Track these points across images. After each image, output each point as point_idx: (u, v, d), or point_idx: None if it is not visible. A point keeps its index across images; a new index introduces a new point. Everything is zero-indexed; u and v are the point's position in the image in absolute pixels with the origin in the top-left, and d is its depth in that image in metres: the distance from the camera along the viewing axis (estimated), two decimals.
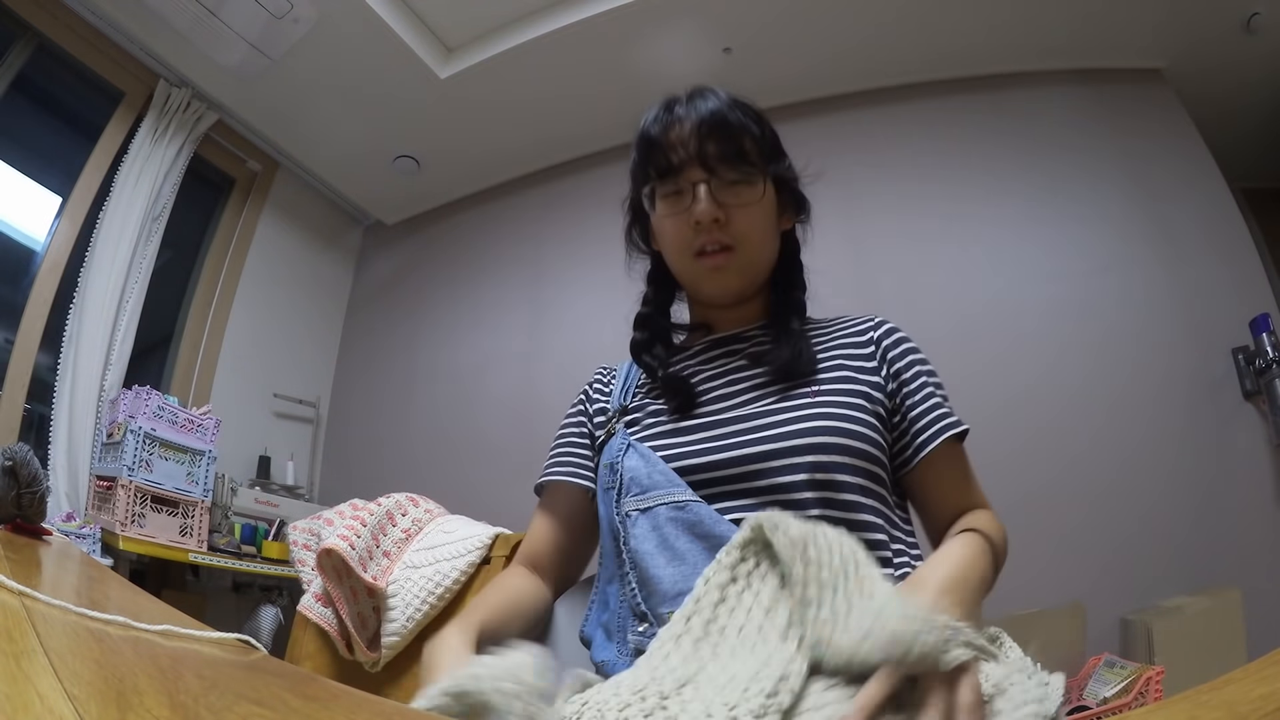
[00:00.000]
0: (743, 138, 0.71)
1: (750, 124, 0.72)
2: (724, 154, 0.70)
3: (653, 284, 0.85)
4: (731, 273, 0.73)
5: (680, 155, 0.71)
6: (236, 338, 2.91)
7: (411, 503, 1.22)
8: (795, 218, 0.81)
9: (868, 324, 0.76)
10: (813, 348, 0.73)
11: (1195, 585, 1.76)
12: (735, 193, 0.71)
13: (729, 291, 0.76)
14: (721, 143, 0.70)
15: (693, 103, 0.73)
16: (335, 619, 1.10)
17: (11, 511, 0.93)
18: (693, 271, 0.75)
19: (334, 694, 0.38)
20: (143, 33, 2.50)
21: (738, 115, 0.72)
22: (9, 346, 2.23)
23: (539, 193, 3.14)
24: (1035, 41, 2.40)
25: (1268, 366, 1.90)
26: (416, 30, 2.54)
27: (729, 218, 0.71)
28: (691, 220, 0.71)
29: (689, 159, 0.71)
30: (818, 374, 0.70)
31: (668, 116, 0.73)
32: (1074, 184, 2.30)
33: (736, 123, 0.71)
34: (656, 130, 0.73)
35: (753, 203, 0.71)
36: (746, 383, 0.72)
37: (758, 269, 0.76)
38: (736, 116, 0.71)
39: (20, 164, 2.38)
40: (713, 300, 0.79)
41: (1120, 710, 1.40)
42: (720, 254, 0.72)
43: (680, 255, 0.75)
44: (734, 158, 0.71)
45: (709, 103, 0.72)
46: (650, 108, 0.75)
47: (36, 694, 0.27)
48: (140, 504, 2.07)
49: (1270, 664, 0.29)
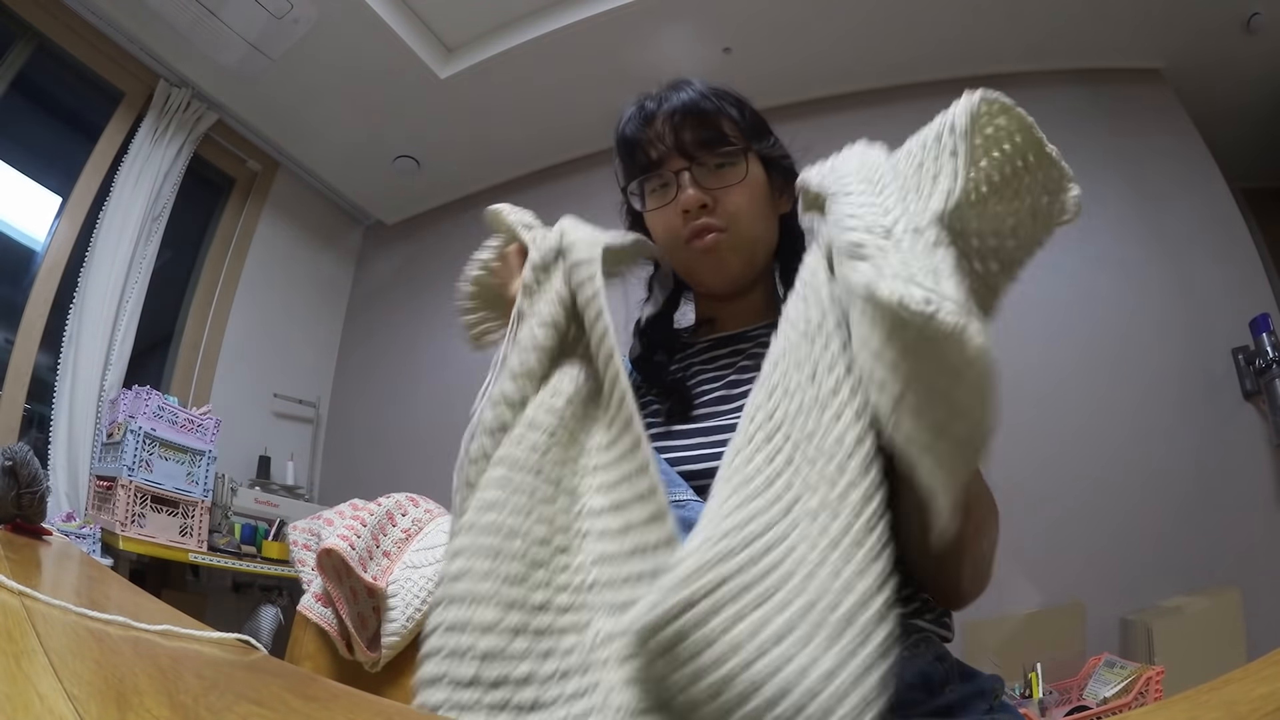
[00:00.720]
0: (719, 120, 0.71)
1: (727, 107, 0.72)
2: (702, 140, 0.70)
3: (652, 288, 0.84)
4: (726, 252, 0.72)
5: (659, 149, 0.71)
6: (236, 338, 2.91)
7: (411, 503, 1.22)
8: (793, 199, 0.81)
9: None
10: None
11: (1195, 585, 1.76)
12: (719, 176, 0.71)
13: (727, 274, 0.74)
14: (698, 128, 0.70)
15: (665, 96, 0.73)
16: (335, 619, 1.10)
17: (11, 511, 0.93)
18: (687, 259, 0.74)
19: (334, 694, 0.38)
20: (143, 33, 2.50)
21: (711, 101, 0.71)
22: (9, 346, 2.23)
23: (539, 193, 3.14)
24: (1035, 41, 2.40)
25: (1268, 366, 1.90)
26: (416, 30, 2.54)
27: (716, 201, 0.70)
28: (679, 209, 0.70)
29: (668, 150, 0.71)
30: None
31: (641, 114, 0.73)
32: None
33: (711, 108, 0.71)
34: (632, 129, 0.73)
35: (737, 182, 0.71)
36: (746, 387, 0.72)
37: (753, 249, 0.74)
38: (710, 102, 0.71)
39: (20, 164, 2.38)
40: (713, 289, 0.78)
41: (1120, 710, 1.40)
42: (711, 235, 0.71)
43: (674, 245, 0.74)
44: (713, 141, 0.70)
45: (681, 93, 0.72)
46: (624, 109, 0.75)
47: (36, 694, 0.27)
48: (140, 504, 2.07)
49: (1270, 664, 0.29)
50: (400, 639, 1.06)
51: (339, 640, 1.11)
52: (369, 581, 1.06)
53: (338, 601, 1.07)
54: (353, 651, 1.09)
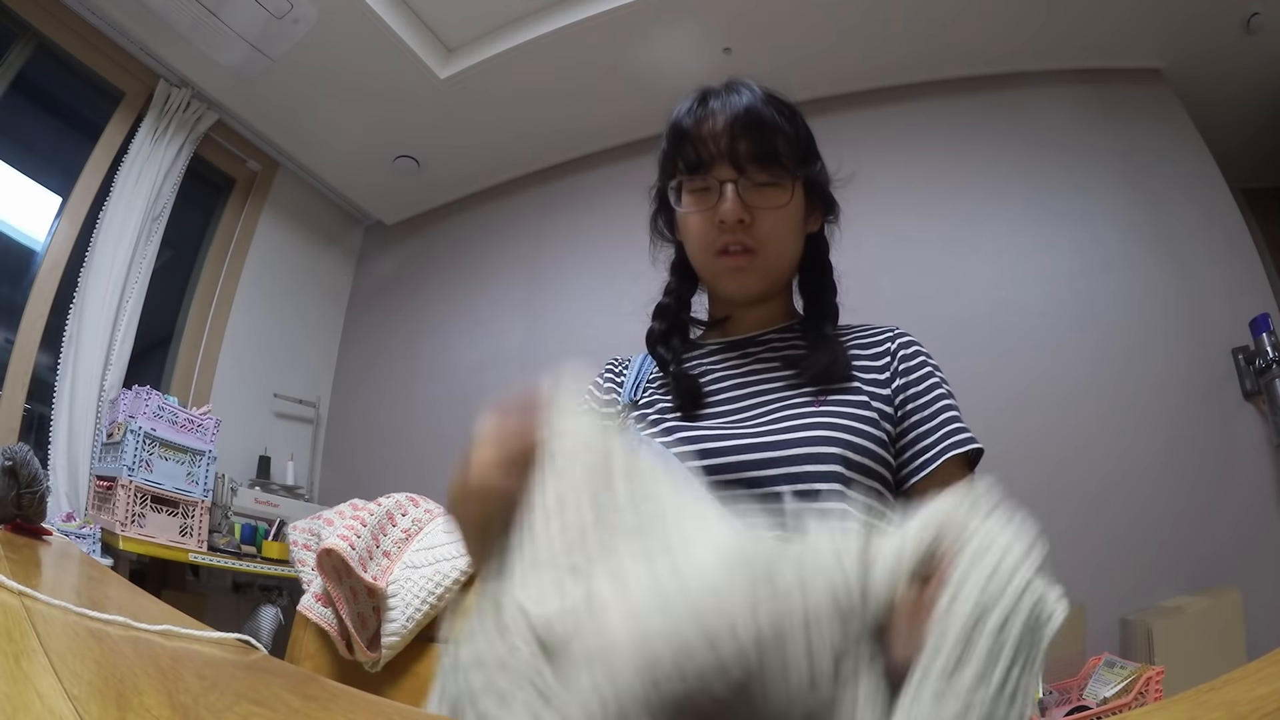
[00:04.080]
0: (776, 137, 0.70)
1: (784, 123, 0.70)
2: (755, 154, 0.69)
3: (675, 274, 0.83)
4: (751, 274, 0.72)
5: (711, 151, 0.70)
6: (236, 338, 2.91)
7: (411, 503, 1.22)
8: (824, 218, 0.79)
9: (885, 335, 0.75)
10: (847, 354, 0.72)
11: (1195, 585, 1.76)
12: (763, 195, 0.70)
13: (748, 293, 0.75)
14: (754, 142, 0.69)
15: (728, 96, 0.71)
16: (335, 619, 1.10)
17: (11, 511, 0.93)
18: (713, 270, 0.74)
19: (334, 694, 0.38)
20: (143, 33, 2.50)
21: (771, 112, 0.70)
22: (9, 346, 2.23)
23: (539, 193, 3.14)
24: (1035, 41, 2.40)
25: (1268, 366, 1.90)
26: (416, 30, 2.54)
27: (754, 219, 0.69)
28: (716, 219, 0.70)
29: (719, 156, 0.69)
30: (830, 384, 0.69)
31: (701, 109, 0.71)
32: (1074, 184, 2.29)
33: (770, 121, 0.69)
34: (689, 123, 0.71)
35: (779, 206, 0.70)
36: (754, 388, 0.72)
37: (779, 272, 0.75)
38: (770, 114, 0.69)
39: (20, 164, 2.38)
40: (733, 301, 0.79)
41: (1120, 710, 1.40)
42: (742, 255, 0.70)
43: (702, 252, 0.74)
44: (765, 158, 0.69)
45: (743, 98, 0.70)
46: (684, 98, 0.74)
47: (36, 694, 0.27)
48: (140, 504, 2.07)
49: (1270, 664, 0.29)
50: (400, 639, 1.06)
51: (339, 640, 1.11)
52: (369, 581, 1.06)
53: (338, 601, 1.07)
54: (353, 651, 1.09)
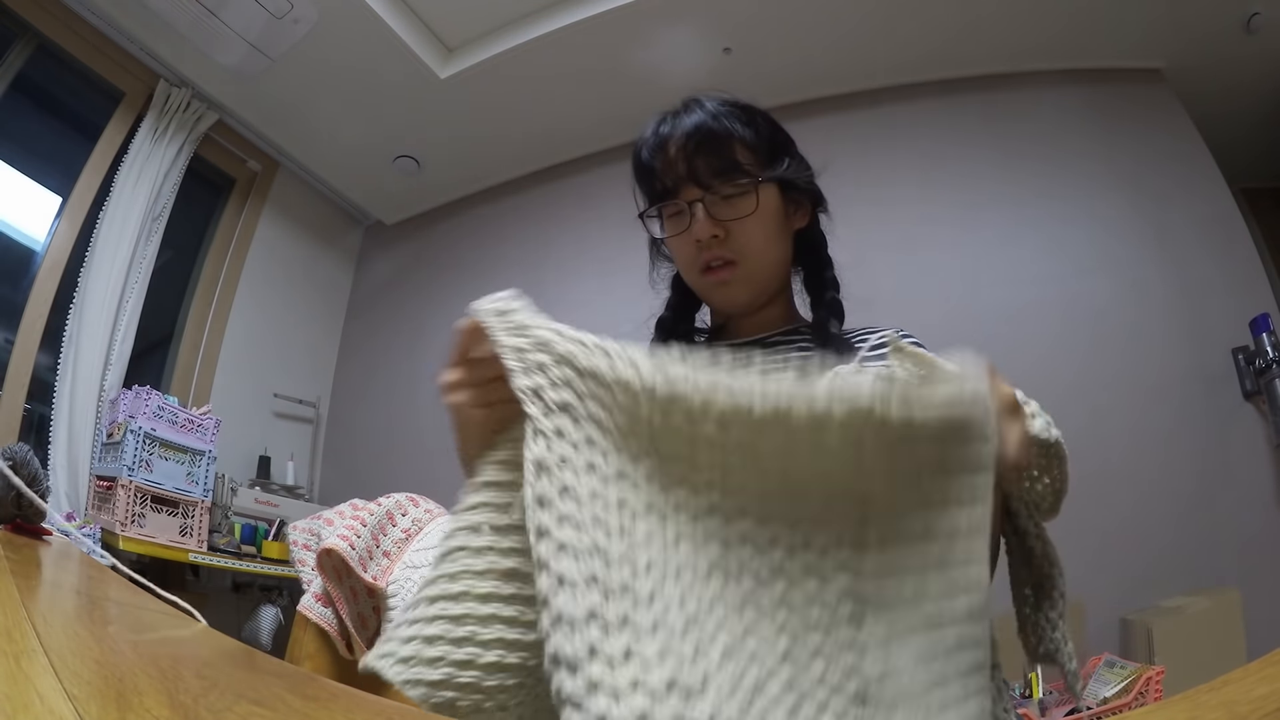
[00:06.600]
0: (732, 146, 0.70)
1: (739, 128, 0.71)
2: (715, 168, 0.69)
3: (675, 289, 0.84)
4: (736, 286, 0.73)
5: (673, 176, 0.71)
6: (236, 338, 2.91)
7: (411, 503, 1.22)
8: (811, 213, 0.79)
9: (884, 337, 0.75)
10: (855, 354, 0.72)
11: (1195, 585, 1.76)
12: (732, 206, 0.70)
13: (737, 304, 0.76)
14: (710, 156, 0.69)
15: (679, 118, 0.72)
16: (335, 619, 1.10)
17: (11, 511, 0.93)
18: (701, 287, 0.76)
19: (334, 694, 0.38)
20: (143, 33, 2.50)
21: (724, 124, 0.70)
22: (9, 346, 2.23)
23: (539, 193, 3.14)
24: (1034, 41, 2.40)
25: (1268, 366, 1.90)
26: (416, 30, 2.54)
27: (728, 232, 0.70)
28: (691, 239, 0.71)
29: (682, 178, 0.70)
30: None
31: (654, 139, 0.73)
32: (1073, 184, 2.29)
33: (724, 131, 0.70)
34: (646, 155, 0.73)
35: (749, 214, 0.70)
36: None
37: (764, 279, 0.75)
38: (723, 125, 0.70)
39: (20, 164, 2.38)
40: (727, 313, 0.80)
41: (1120, 710, 1.40)
42: (724, 269, 0.71)
43: (689, 272, 0.75)
44: (725, 170, 0.69)
45: (693, 116, 0.71)
46: (645, 125, 0.75)
47: (36, 694, 0.27)
48: (140, 504, 2.07)
49: (1270, 664, 0.29)
50: None
51: (339, 640, 1.11)
52: (369, 581, 1.06)
53: (338, 601, 1.07)
54: (353, 651, 1.09)
